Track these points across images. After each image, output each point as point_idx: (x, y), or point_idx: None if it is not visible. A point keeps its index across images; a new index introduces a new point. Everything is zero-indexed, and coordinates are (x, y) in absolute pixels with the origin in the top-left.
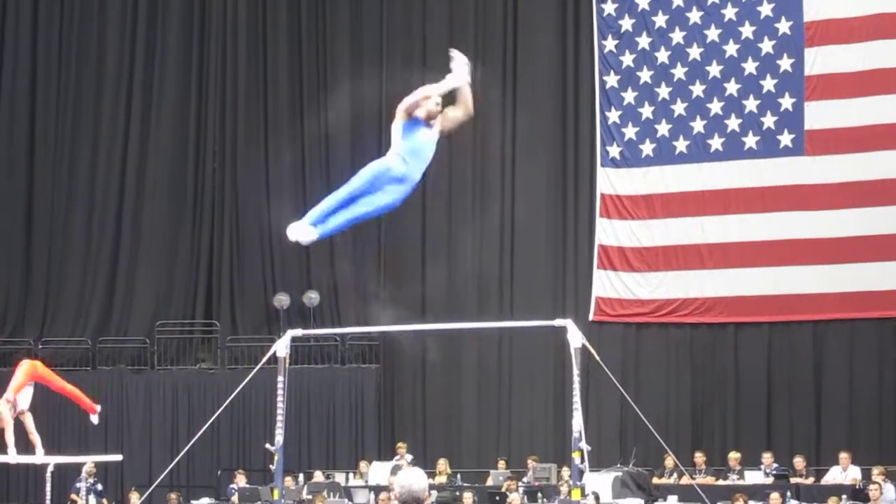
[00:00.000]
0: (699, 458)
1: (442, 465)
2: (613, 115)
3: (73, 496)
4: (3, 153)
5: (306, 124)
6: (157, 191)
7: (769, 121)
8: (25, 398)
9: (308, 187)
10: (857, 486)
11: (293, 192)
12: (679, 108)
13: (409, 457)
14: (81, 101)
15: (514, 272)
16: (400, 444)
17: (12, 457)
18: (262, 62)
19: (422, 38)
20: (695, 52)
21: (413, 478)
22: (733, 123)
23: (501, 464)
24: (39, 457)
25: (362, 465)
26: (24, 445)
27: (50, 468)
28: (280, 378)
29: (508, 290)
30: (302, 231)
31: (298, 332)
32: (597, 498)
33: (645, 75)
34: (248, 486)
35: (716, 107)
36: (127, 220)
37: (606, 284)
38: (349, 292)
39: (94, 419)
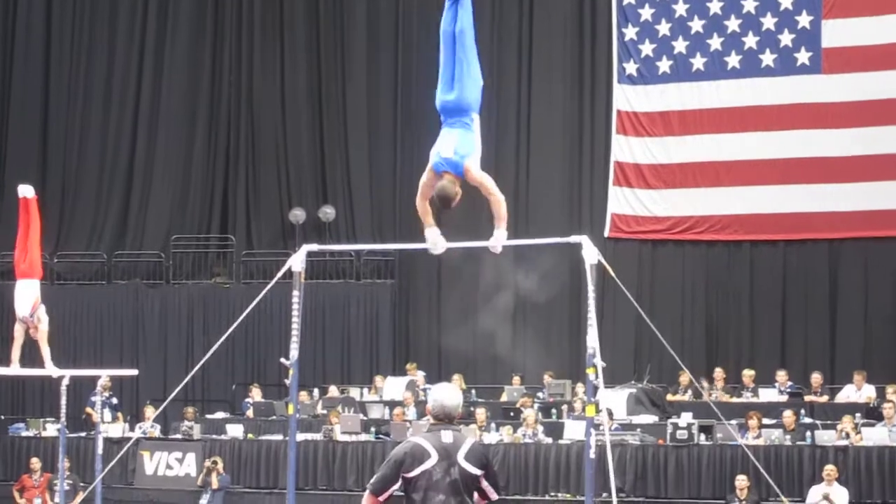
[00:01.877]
0: (718, 374)
1: (457, 380)
2: (630, 32)
3: (89, 410)
4: (20, 70)
5: (322, 38)
6: (172, 105)
7: (786, 38)
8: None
9: (323, 103)
10: (871, 405)
11: (309, 107)
12: (696, 24)
13: (420, 373)
14: (97, 17)
15: (529, 188)
16: (410, 365)
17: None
18: None
19: None
20: None
21: (447, 393)
22: (750, 41)
23: (516, 380)
24: (53, 370)
25: (377, 379)
26: (33, 359)
27: (65, 382)
28: (295, 293)
29: (524, 206)
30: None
31: (314, 247)
32: (611, 414)
33: None
34: (262, 400)
35: (733, 24)
36: (142, 135)
37: (622, 201)
38: (365, 207)
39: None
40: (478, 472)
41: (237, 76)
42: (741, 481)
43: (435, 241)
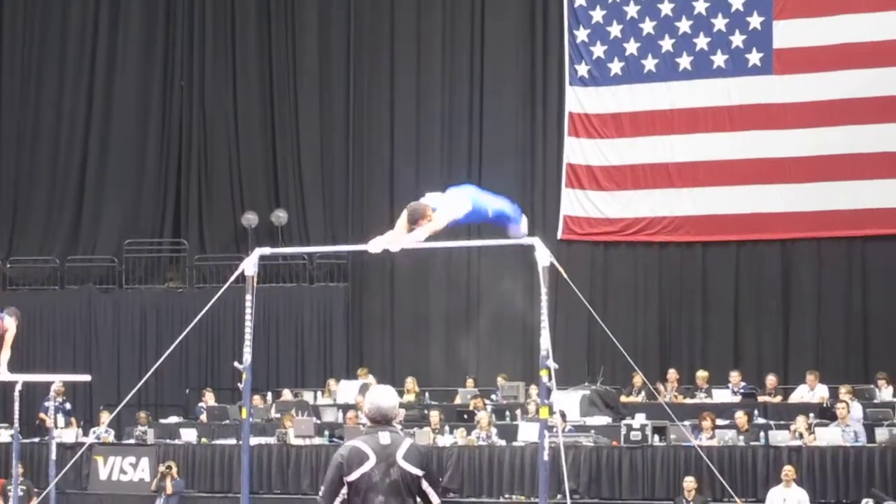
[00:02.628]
0: (672, 374)
1: (410, 383)
2: (582, 34)
3: (42, 415)
4: None
5: (273, 42)
6: (124, 110)
7: (738, 39)
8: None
9: (275, 107)
10: (825, 405)
11: (260, 111)
12: (647, 26)
13: (371, 377)
14: (48, 22)
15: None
16: (361, 370)
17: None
18: None
19: None
20: None
21: (381, 395)
22: (702, 42)
23: (470, 382)
24: (5, 375)
25: (331, 383)
26: None
27: (18, 387)
28: (248, 297)
29: None
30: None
31: (267, 250)
32: (564, 416)
33: None
34: (216, 404)
35: (684, 25)
36: (94, 139)
37: (574, 203)
38: (317, 211)
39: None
40: (418, 472)
41: (188, 80)
42: (689, 482)
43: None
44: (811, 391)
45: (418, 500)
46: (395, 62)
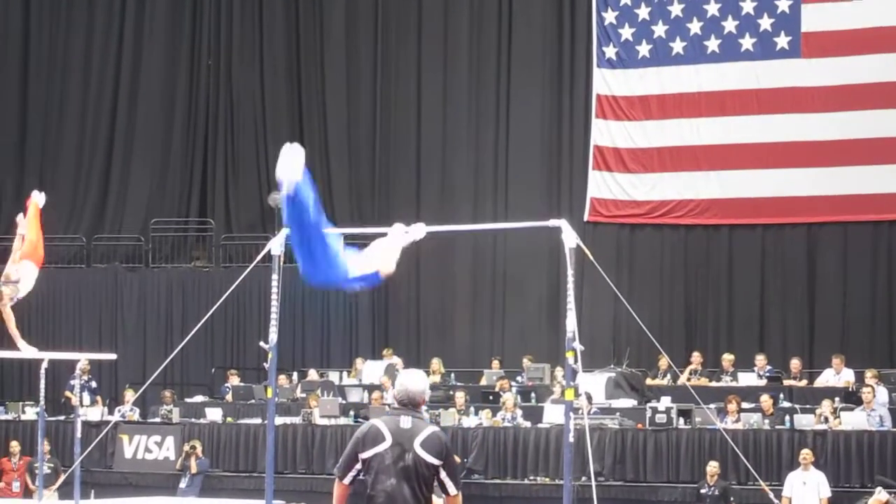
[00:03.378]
0: (696, 358)
1: (435, 364)
2: (610, 16)
3: (68, 393)
4: None
5: (301, 19)
6: (150, 89)
7: (766, 23)
8: (28, 281)
9: (303, 86)
10: (850, 389)
11: (287, 90)
12: (676, 9)
13: (397, 358)
14: (74, 1)
15: (508, 172)
16: (386, 350)
17: (27, 349)
18: None
19: None
20: None
21: (412, 378)
22: (730, 25)
23: (495, 363)
24: (32, 352)
25: (357, 362)
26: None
27: (44, 365)
28: (274, 276)
29: (503, 190)
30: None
31: None
32: (590, 398)
33: None
34: (241, 384)
35: (713, 8)
36: (121, 117)
37: (601, 185)
38: (344, 191)
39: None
40: (435, 461)
41: (216, 59)
42: (712, 467)
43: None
44: (837, 375)
45: (435, 486)
46: (423, 44)
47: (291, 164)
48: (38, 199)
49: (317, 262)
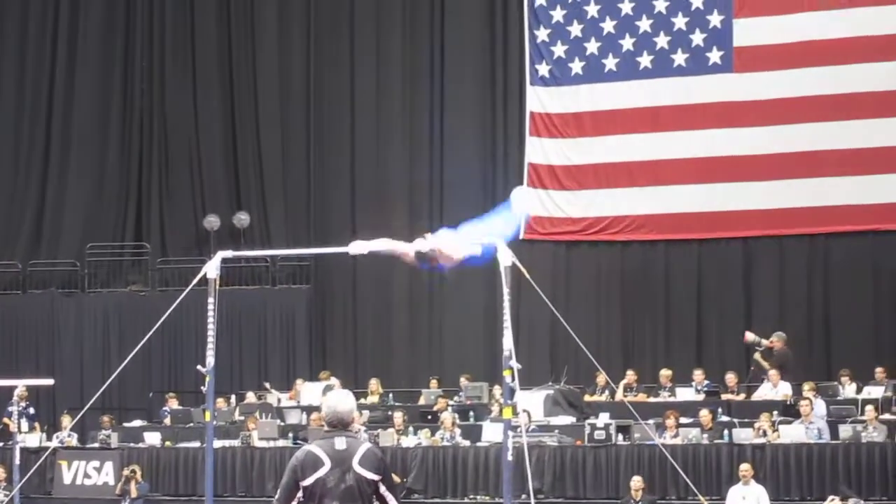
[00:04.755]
0: (630, 376)
1: (374, 384)
2: (542, 34)
3: (6, 420)
4: None
5: (233, 43)
6: (84, 113)
7: (698, 38)
8: None
9: (236, 109)
10: (788, 402)
11: (221, 113)
12: (608, 25)
13: (334, 380)
14: (7, 23)
15: (443, 189)
16: (323, 373)
17: None
18: None
19: None
20: None
21: (338, 399)
22: (662, 41)
23: (433, 383)
24: None
25: (298, 382)
26: None
27: None
28: (210, 300)
29: (438, 207)
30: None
31: (229, 253)
32: (529, 416)
33: None
34: (180, 407)
35: (644, 24)
36: (55, 143)
37: (537, 203)
38: (279, 213)
39: None
40: (374, 476)
41: (149, 83)
42: (636, 482)
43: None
44: (774, 388)
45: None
46: (355, 64)
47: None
48: None
49: None
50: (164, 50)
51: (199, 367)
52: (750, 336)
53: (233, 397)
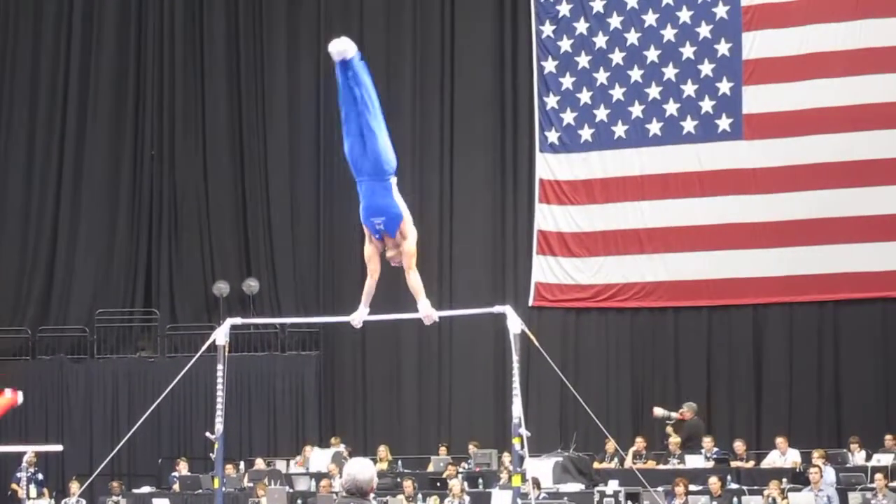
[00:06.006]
0: (639, 443)
1: (383, 451)
2: (552, 101)
3: (14, 486)
4: None
5: (244, 110)
6: (94, 179)
7: (707, 105)
8: None
9: (246, 174)
10: (798, 470)
11: (231, 178)
12: (617, 92)
13: (343, 446)
14: (17, 90)
15: (453, 257)
16: (334, 439)
17: None
18: (198, 53)
19: (359, 18)
20: (632, 37)
21: (359, 468)
22: (671, 108)
23: (442, 450)
24: None
25: (307, 449)
26: None
27: None
28: (220, 366)
29: (448, 275)
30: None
31: (238, 320)
32: (537, 483)
33: (583, 60)
34: (189, 474)
35: (654, 91)
36: (65, 209)
37: (546, 270)
38: (288, 280)
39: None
40: None
41: (159, 149)
42: None
43: (356, 317)
44: (783, 456)
45: None
46: None
47: (343, 42)
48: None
49: (366, 144)
50: (174, 116)
51: (207, 433)
52: (658, 411)
53: (242, 463)
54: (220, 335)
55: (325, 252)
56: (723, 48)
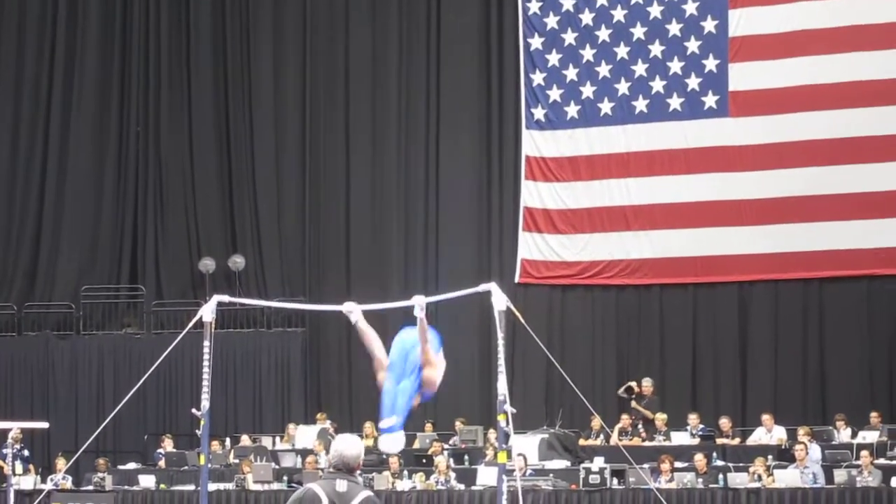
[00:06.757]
0: (625, 420)
1: (368, 428)
2: (538, 78)
3: (0, 462)
4: None
5: (230, 86)
6: (80, 155)
7: (693, 82)
8: None
9: (232, 150)
10: (783, 447)
11: (217, 154)
12: (603, 69)
13: (329, 423)
14: (2, 67)
15: (439, 235)
16: (320, 415)
17: None
18: (184, 29)
19: (345, 5)
20: (619, 14)
21: (347, 444)
22: (657, 85)
23: (428, 427)
24: None
25: (290, 427)
26: None
27: None
28: (206, 343)
29: (434, 253)
30: (394, 441)
31: (225, 298)
32: (524, 460)
33: (569, 37)
34: (174, 450)
35: (640, 69)
36: (51, 185)
37: (532, 247)
38: (274, 256)
39: None
40: None
41: (144, 126)
42: None
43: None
44: (768, 433)
45: None
46: (351, 109)
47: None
48: None
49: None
50: (159, 93)
51: (193, 410)
52: (621, 391)
53: (227, 440)
54: (207, 312)
55: (311, 228)
56: (709, 25)
